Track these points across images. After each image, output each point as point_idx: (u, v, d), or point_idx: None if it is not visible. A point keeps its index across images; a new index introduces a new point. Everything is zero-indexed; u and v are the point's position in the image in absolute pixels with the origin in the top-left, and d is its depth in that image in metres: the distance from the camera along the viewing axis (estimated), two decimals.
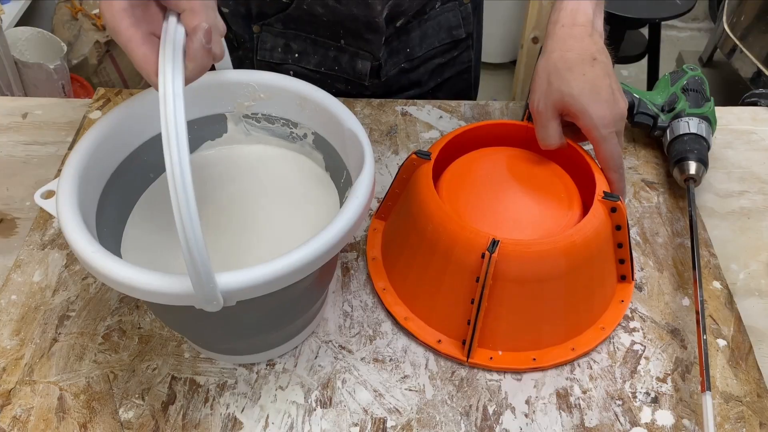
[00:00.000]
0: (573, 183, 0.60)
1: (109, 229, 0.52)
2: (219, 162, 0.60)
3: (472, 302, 0.53)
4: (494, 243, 0.51)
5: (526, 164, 0.62)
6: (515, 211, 0.58)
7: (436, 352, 0.57)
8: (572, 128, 0.59)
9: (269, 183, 0.58)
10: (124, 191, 0.55)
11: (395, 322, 0.59)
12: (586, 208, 0.57)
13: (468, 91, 0.93)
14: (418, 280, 0.58)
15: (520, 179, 0.60)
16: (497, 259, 0.51)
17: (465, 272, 0.53)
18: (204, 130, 0.58)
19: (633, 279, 0.61)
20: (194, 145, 0.59)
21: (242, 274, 0.42)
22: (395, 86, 0.86)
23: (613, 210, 0.55)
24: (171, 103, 0.38)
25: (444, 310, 0.57)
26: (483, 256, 0.51)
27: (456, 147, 0.62)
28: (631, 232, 0.67)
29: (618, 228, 0.56)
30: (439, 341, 0.57)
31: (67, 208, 0.46)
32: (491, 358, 0.56)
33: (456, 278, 0.55)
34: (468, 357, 0.56)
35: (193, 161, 0.58)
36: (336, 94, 0.84)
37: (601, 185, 0.56)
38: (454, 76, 0.90)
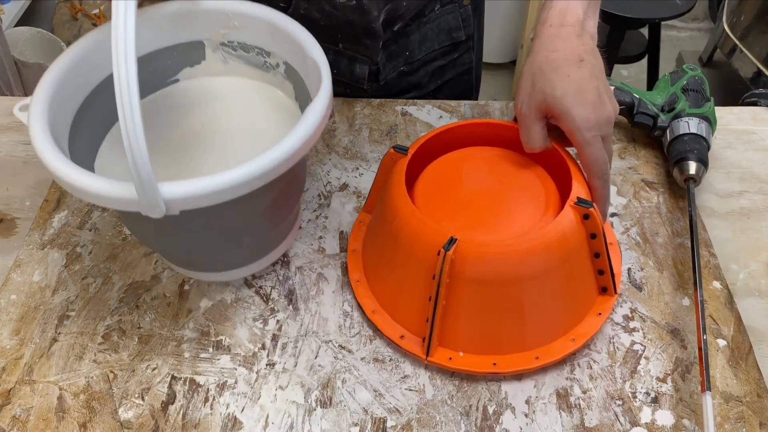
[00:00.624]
0: (555, 188, 0.58)
1: (82, 154, 0.55)
2: (196, 91, 0.63)
3: (430, 299, 0.53)
4: (451, 241, 0.51)
5: (509, 166, 0.60)
6: (488, 212, 0.57)
7: (399, 348, 0.57)
8: (560, 132, 0.58)
9: (240, 112, 0.61)
10: (97, 118, 0.57)
11: (363, 314, 0.59)
12: None
13: (469, 93, 0.93)
14: (386, 273, 0.59)
15: (500, 180, 0.59)
16: (453, 257, 0.51)
17: (424, 269, 0.53)
18: (183, 55, 0.61)
19: (616, 292, 0.59)
20: (174, 70, 0.62)
21: (185, 184, 0.45)
22: (395, 89, 0.85)
23: (586, 217, 0.53)
24: (122, 18, 0.40)
25: (407, 305, 0.57)
26: (439, 253, 0.51)
27: (441, 144, 0.61)
28: (631, 232, 0.67)
29: (593, 236, 0.55)
30: (402, 337, 0.57)
31: (37, 118, 0.49)
32: (450, 358, 0.55)
33: (417, 274, 0.54)
34: (427, 355, 0.55)
35: (172, 90, 0.63)
36: (335, 96, 0.84)
37: (578, 191, 0.55)
38: (455, 78, 0.89)
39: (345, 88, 0.84)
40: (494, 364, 0.55)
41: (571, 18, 0.57)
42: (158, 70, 0.61)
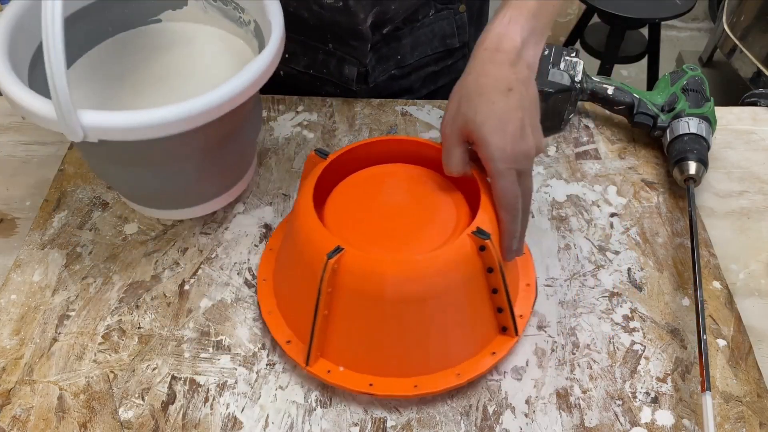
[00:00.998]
0: (468, 215, 0.56)
1: (40, 88, 0.58)
2: (174, 33, 0.67)
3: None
4: (336, 249, 0.50)
5: (429, 187, 0.58)
6: (392, 229, 0.55)
7: (283, 353, 0.56)
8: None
9: (208, 60, 0.65)
10: None
11: (260, 314, 0.59)
12: None
13: None
14: (284, 276, 0.58)
15: (415, 200, 0.58)
16: (335, 267, 0.50)
17: (312, 275, 0.51)
18: None
19: (517, 333, 0.56)
20: (157, 10, 0.66)
21: (105, 115, 0.48)
22: (386, 92, 0.85)
23: (482, 248, 0.51)
24: None
25: (296, 310, 0.56)
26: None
27: (368, 156, 0.60)
28: (630, 232, 0.67)
29: (490, 270, 0.52)
30: (289, 342, 0.56)
31: None
32: (329, 371, 0.54)
33: (306, 279, 0.53)
34: (307, 364, 0.54)
35: (152, 29, 0.67)
36: (326, 96, 0.84)
37: (481, 221, 0.52)
38: (449, 84, 0.87)
39: (335, 88, 0.84)
40: (371, 384, 0.53)
41: (507, 44, 0.54)
42: (141, 7, 0.65)
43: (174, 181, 0.60)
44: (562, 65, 0.74)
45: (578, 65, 0.75)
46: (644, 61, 2.00)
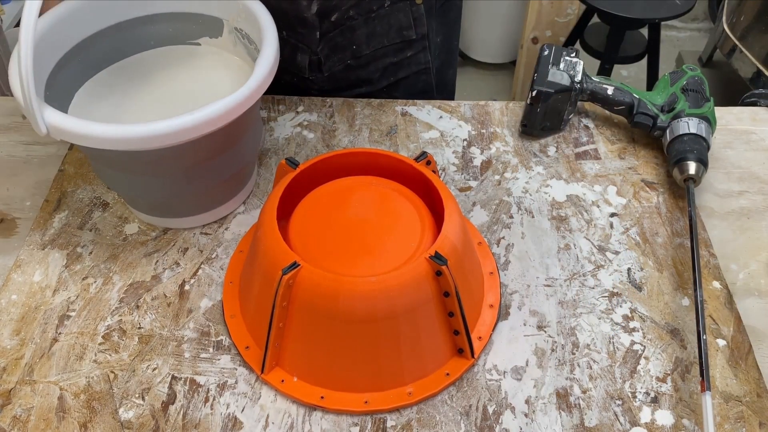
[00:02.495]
0: (435, 234, 0.55)
1: (57, 99, 0.63)
2: (205, 56, 0.71)
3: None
4: (292, 265, 0.50)
5: (398, 202, 0.58)
6: (355, 245, 0.55)
7: (242, 360, 0.57)
8: None
9: (224, 88, 0.67)
10: (74, 72, 0.66)
11: (223, 317, 0.60)
12: None
13: (429, 93, 0.91)
14: (248, 282, 0.59)
15: (382, 214, 0.57)
16: (290, 282, 0.50)
17: (269, 287, 0.51)
18: (206, 26, 0.71)
19: (473, 356, 0.56)
20: (196, 35, 0.72)
21: (66, 118, 0.52)
22: (343, 82, 0.85)
23: (438, 273, 0.51)
24: None
25: (255, 318, 0.57)
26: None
27: (343, 166, 0.60)
28: (630, 232, 0.67)
29: (446, 294, 0.52)
30: (247, 348, 0.57)
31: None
32: (283, 381, 0.55)
33: (263, 290, 0.53)
34: (262, 372, 0.55)
35: (188, 49, 0.72)
36: (284, 86, 0.85)
37: (441, 244, 0.52)
38: (411, 77, 0.88)
39: (292, 77, 0.84)
40: (322, 397, 0.54)
41: None
42: (182, 30, 0.71)
43: (160, 192, 0.62)
44: (561, 65, 0.74)
45: (578, 65, 0.75)
46: (644, 61, 2.00)
